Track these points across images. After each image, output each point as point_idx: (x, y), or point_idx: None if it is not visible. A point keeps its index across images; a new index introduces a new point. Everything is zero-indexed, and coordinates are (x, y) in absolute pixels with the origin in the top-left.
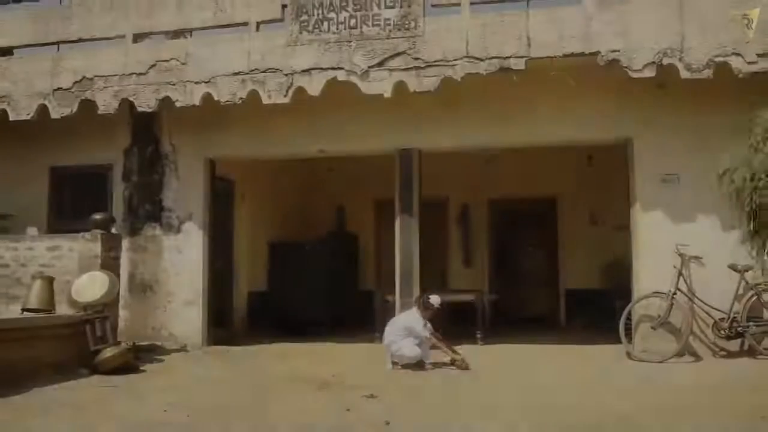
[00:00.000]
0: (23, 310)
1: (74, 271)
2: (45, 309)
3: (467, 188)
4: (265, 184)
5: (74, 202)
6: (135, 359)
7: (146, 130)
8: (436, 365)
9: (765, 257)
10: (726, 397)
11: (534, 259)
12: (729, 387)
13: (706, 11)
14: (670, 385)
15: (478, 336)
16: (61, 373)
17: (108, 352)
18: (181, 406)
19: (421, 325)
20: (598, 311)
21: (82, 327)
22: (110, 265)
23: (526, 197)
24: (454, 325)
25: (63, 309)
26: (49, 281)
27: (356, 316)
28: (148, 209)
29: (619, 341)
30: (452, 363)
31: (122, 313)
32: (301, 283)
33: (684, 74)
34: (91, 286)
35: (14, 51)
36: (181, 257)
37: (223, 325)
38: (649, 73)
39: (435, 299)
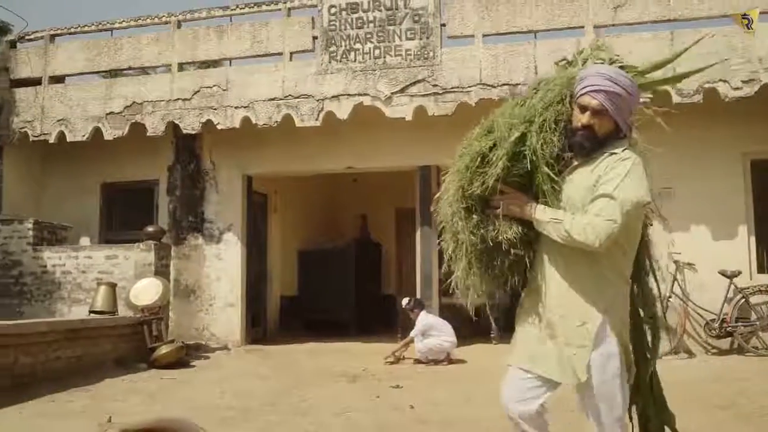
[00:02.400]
0: (90, 312)
1: (130, 277)
2: (109, 311)
3: None
4: (295, 196)
5: (123, 214)
6: (185, 356)
7: (189, 149)
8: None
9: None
10: (700, 389)
11: None
12: (708, 381)
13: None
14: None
15: (492, 336)
16: (124, 367)
17: (164, 349)
18: (233, 394)
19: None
20: None
21: (140, 327)
22: (162, 272)
23: None
24: (470, 325)
25: (121, 311)
26: (112, 287)
27: (379, 318)
28: (191, 221)
29: None
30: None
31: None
32: (329, 288)
33: (676, 99)
34: (148, 291)
35: (66, 78)
36: (222, 264)
37: (257, 326)
38: (644, 98)
39: (401, 301)
